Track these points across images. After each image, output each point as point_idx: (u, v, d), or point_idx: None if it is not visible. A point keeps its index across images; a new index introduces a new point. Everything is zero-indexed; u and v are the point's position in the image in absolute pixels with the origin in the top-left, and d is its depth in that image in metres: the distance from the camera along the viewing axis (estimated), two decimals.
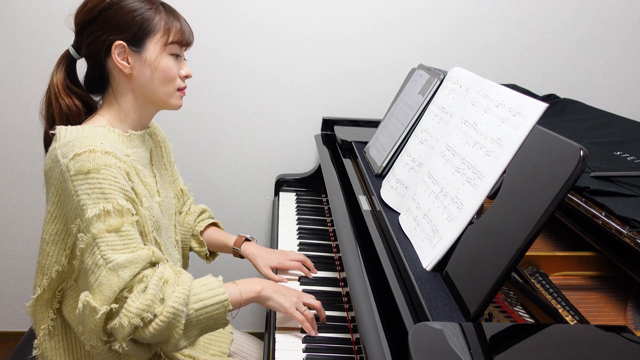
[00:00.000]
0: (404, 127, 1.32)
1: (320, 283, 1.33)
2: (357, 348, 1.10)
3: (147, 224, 1.01)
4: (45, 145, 1.08)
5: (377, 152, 1.44)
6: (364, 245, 1.16)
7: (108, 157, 0.94)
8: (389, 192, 1.22)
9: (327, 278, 1.36)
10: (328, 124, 1.92)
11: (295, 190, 1.94)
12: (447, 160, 1.02)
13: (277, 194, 1.93)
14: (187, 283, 0.98)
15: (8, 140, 1.93)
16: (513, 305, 0.95)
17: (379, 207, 1.20)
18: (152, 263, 0.97)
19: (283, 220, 1.69)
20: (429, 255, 0.94)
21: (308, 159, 2.06)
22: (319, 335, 1.13)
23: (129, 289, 0.93)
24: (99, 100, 1.11)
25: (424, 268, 0.94)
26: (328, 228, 1.65)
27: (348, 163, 1.59)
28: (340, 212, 1.32)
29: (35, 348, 1.07)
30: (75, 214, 0.93)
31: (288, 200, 1.85)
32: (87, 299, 0.90)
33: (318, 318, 1.17)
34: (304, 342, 1.11)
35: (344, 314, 1.22)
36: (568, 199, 1.07)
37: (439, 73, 1.26)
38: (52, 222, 0.98)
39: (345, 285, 1.31)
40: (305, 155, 2.06)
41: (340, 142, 1.73)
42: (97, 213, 0.91)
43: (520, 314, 0.93)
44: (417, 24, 1.91)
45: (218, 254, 1.47)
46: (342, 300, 1.27)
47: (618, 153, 1.23)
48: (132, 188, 0.99)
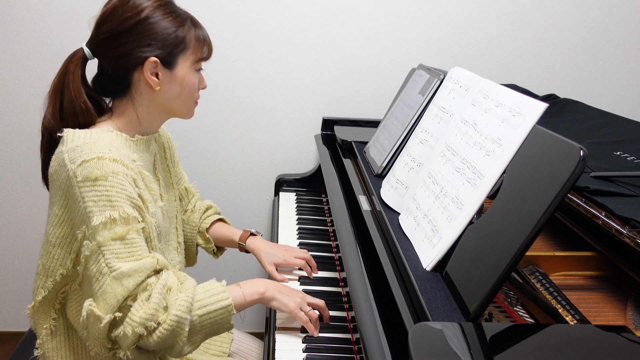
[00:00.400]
0: (404, 127, 1.32)
1: (320, 283, 1.33)
2: (357, 348, 1.10)
3: (152, 231, 1.01)
4: (43, 144, 1.05)
5: (377, 152, 1.44)
6: (364, 245, 1.16)
7: (116, 164, 0.93)
8: (389, 192, 1.22)
9: (327, 278, 1.36)
10: (328, 124, 1.92)
11: (295, 190, 1.94)
12: (447, 160, 1.02)
13: (277, 194, 1.93)
14: (190, 290, 0.98)
15: (8, 140, 1.93)
16: (513, 305, 0.95)
17: (379, 207, 1.20)
18: (156, 271, 0.97)
19: (283, 220, 1.69)
20: (429, 255, 0.94)
21: (308, 159, 2.06)
22: (319, 335, 1.13)
23: (133, 298, 0.93)
24: (109, 102, 1.09)
25: (424, 268, 0.94)
26: (328, 228, 1.65)
27: (348, 163, 1.59)
28: (340, 212, 1.32)
29: (37, 348, 1.07)
30: (81, 221, 0.93)
31: (288, 200, 1.85)
32: (91, 308, 0.91)
33: (322, 318, 1.17)
34: (304, 342, 1.11)
35: (344, 314, 1.22)
36: (568, 199, 1.07)
37: (439, 73, 1.26)
38: (59, 225, 0.98)
39: (345, 285, 1.31)
40: (305, 155, 2.06)
41: (340, 142, 1.73)
42: (103, 221, 0.90)
43: (520, 314, 0.93)
44: (417, 24, 1.91)
45: (226, 249, 1.46)
46: (342, 300, 1.27)
47: (618, 153, 1.23)
48: (139, 195, 0.99)
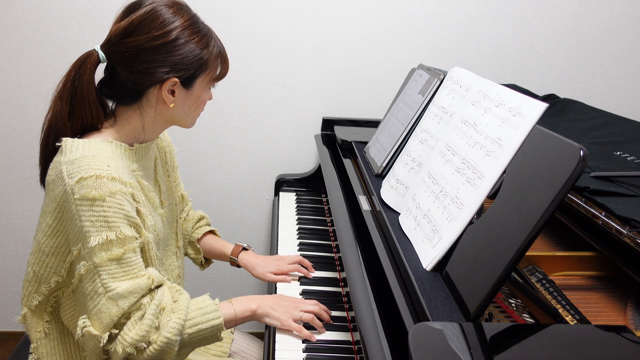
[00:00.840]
0: (404, 127, 1.32)
1: (320, 283, 1.33)
2: (357, 348, 1.10)
3: (149, 243, 1.01)
4: (44, 145, 1.03)
5: (377, 152, 1.44)
6: (364, 245, 1.16)
7: (114, 183, 0.93)
8: (389, 192, 1.22)
9: (327, 278, 1.36)
10: (328, 124, 1.92)
11: (295, 190, 1.94)
12: (447, 160, 1.02)
13: (277, 194, 1.93)
14: (183, 310, 0.98)
15: (8, 140, 1.93)
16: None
17: (379, 207, 1.20)
18: (151, 289, 0.98)
19: (283, 220, 1.69)
20: (429, 255, 0.94)
21: (308, 159, 2.06)
22: (319, 336, 1.13)
23: (127, 316, 0.94)
24: (112, 105, 1.06)
25: (424, 268, 0.94)
26: (328, 228, 1.65)
27: (348, 163, 1.59)
28: (340, 212, 1.32)
29: (32, 353, 1.07)
30: (77, 238, 0.93)
31: (288, 200, 1.85)
32: (88, 330, 0.92)
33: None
34: (304, 342, 1.11)
35: (344, 314, 1.22)
36: (568, 199, 1.07)
37: (439, 73, 1.26)
38: (52, 235, 0.97)
39: (345, 285, 1.31)
40: (305, 155, 2.06)
41: (340, 142, 1.73)
42: (100, 242, 0.91)
43: (520, 314, 0.93)
44: (417, 24, 1.91)
45: (213, 261, 1.47)
46: (342, 300, 1.27)
47: (618, 153, 1.23)
48: (137, 210, 0.98)
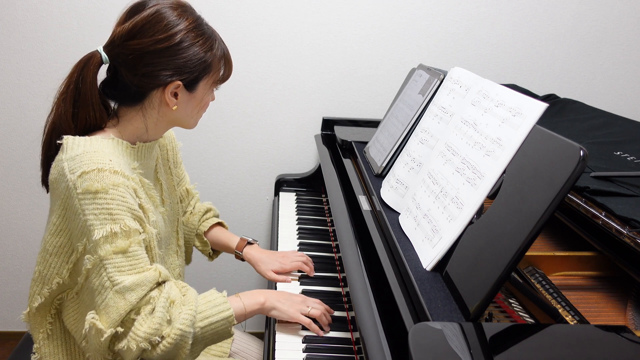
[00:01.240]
0: (404, 127, 1.32)
1: (320, 283, 1.33)
2: (357, 348, 1.10)
3: (153, 240, 1.01)
4: (46, 145, 1.03)
5: (377, 152, 1.44)
6: (364, 245, 1.16)
7: (116, 176, 0.92)
8: (389, 192, 1.22)
9: (327, 278, 1.36)
10: (328, 124, 1.92)
11: (295, 190, 1.94)
12: (447, 160, 1.02)
13: (277, 194, 1.92)
14: (192, 302, 0.98)
15: (8, 140, 1.93)
16: (513, 306, 0.95)
17: (379, 207, 1.20)
18: (158, 283, 0.97)
19: (283, 220, 1.69)
20: (429, 255, 0.94)
21: (308, 159, 2.06)
22: (319, 335, 1.13)
23: (136, 311, 0.93)
24: (115, 105, 1.06)
25: (424, 268, 0.94)
26: (328, 228, 1.65)
27: (348, 163, 1.59)
28: (340, 212, 1.32)
29: (34, 353, 1.07)
30: (81, 233, 0.92)
31: (288, 200, 1.85)
32: (93, 322, 0.91)
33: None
34: (304, 342, 1.11)
35: (344, 314, 1.22)
36: (568, 199, 1.07)
37: (439, 73, 1.26)
38: (56, 234, 0.97)
39: (345, 285, 1.31)
40: (305, 155, 2.06)
41: (340, 142, 1.73)
42: (104, 235, 0.90)
43: (520, 314, 0.93)
44: (417, 24, 1.91)
45: (222, 253, 1.47)
46: (342, 300, 1.27)
47: (618, 153, 1.23)
48: (140, 205, 0.98)
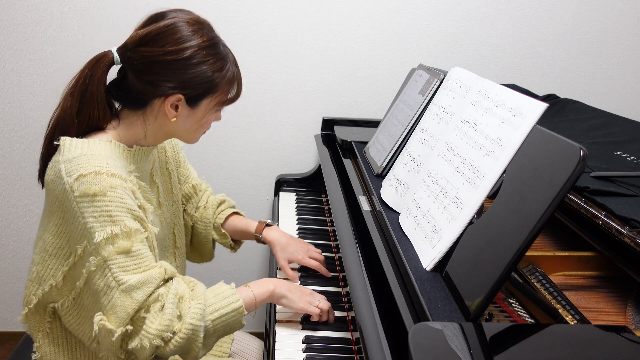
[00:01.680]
0: (404, 127, 1.32)
1: (321, 283, 1.33)
2: (357, 348, 1.10)
3: (154, 239, 1.01)
4: (48, 141, 1.02)
5: (377, 152, 1.44)
6: (364, 245, 1.16)
7: (114, 179, 0.92)
8: (389, 192, 1.22)
9: (327, 278, 1.36)
10: (328, 124, 1.92)
11: (295, 190, 1.94)
12: (447, 160, 1.02)
13: (277, 194, 1.92)
14: (201, 296, 0.98)
15: (8, 140, 1.93)
16: (513, 306, 0.95)
17: (379, 207, 1.20)
18: (165, 280, 0.97)
19: (283, 220, 1.69)
20: (429, 255, 0.94)
21: (308, 159, 2.06)
22: (319, 335, 1.13)
23: (146, 309, 0.92)
24: (118, 106, 1.06)
25: (424, 268, 0.94)
26: (328, 228, 1.65)
27: (348, 163, 1.59)
28: (340, 212, 1.32)
29: (35, 352, 1.06)
30: (81, 236, 0.92)
31: (288, 200, 1.85)
32: (102, 323, 0.90)
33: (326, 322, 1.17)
34: (304, 341, 1.11)
35: (344, 314, 1.22)
36: (568, 199, 1.07)
37: (439, 73, 1.26)
38: (58, 235, 0.96)
39: (345, 285, 1.31)
40: (305, 155, 2.06)
41: (340, 142, 1.73)
42: (105, 237, 0.90)
43: (520, 314, 0.93)
44: (417, 24, 1.91)
45: (243, 242, 1.46)
46: (342, 300, 1.27)
47: (618, 153, 1.23)
48: (139, 205, 0.98)
